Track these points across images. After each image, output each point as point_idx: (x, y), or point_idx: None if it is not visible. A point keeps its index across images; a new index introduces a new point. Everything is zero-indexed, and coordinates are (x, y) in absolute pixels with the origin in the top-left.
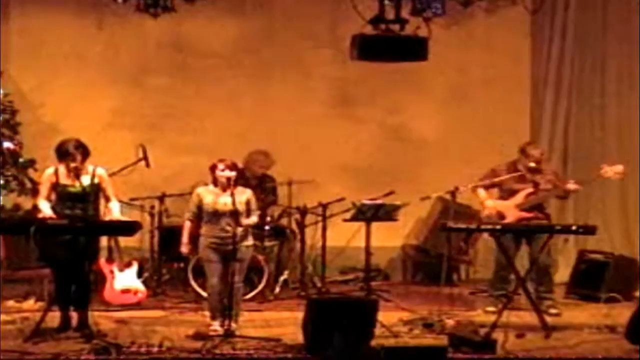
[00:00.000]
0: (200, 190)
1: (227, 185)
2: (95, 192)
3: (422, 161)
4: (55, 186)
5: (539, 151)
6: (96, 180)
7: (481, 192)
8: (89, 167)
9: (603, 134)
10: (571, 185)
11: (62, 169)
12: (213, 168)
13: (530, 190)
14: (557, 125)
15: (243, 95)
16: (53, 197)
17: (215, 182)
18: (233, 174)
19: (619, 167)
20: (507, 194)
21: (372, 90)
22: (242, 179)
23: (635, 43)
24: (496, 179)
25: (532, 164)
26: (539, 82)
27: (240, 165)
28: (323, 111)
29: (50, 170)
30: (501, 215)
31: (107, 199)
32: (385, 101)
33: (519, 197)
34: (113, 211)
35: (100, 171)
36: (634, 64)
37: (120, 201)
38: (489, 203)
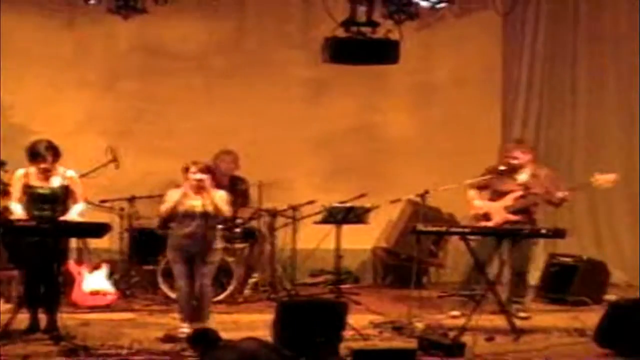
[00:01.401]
0: (171, 192)
1: (198, 188)
2: (65, 193)
3: (393, 163)
4: (26, 187)
5: (516, 152)
6: (66, 182)
7: (471, 191)
8: (60, 169)
9: (574, 134)
10: (560, 193)
11: (32, 170)
12: (186, 170)
13: (520, 193)
14: (528, 126)
15: (214, 97)
16: (24, 198)
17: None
18: (205, 176)
19: (612, 176)
20: (497, 195)
21: (343, 93)
22: (214, 180)
23: (606, 43)
24: (474, 180)
25: (502, 167)
26: (511, 83)
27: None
28: (294, 113)
29: (20, 172)
30: (488, 217)
31: (75, 201)
32: (356, 103)
33: (508, 200)
34: (71, 212)
35: (71, 173)
36: (604, 64)
37: (90, 203)
38: (477, 203)
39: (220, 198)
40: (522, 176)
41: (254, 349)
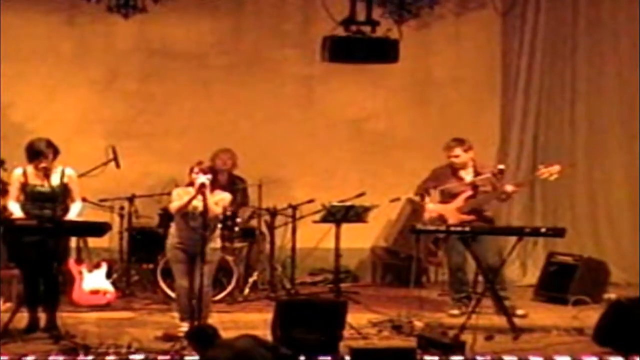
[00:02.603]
0: (177, 191)
1: (200, 188)
2: (64, 192)
3: (392, 162)
4: (24, 186)
5: (456, 150)
6: (65, 180)
7: (417, 197)
8: (58, 168)
9: (573, 132)
10: (509, 187)
11: (30, 169)
12: (191, 170)
13: (470, 193)
14: (527, 125)
15: (213, 96)
16: (22, 197)
17: (192, 184)
18: (206, 177)
19: (556, 168)
20: (448, 197)
21: (342, 92)
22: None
23: (604, 43)
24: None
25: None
26: (510, 82)
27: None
28: (293, 112)
29: (19, 171)
30: (443, 219)
31: (72, 200)
32: (356, 102)
33: (459, 200)
34: (71, 212)
35: (69, 172)
36: (602, 63)
37: (90, 202)
38: (430, 206)
39: (222, 200)
40: (468, 175)
41: (250, 347)
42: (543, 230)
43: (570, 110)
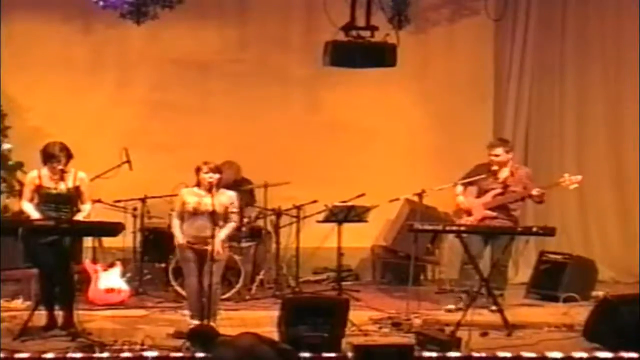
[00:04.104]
0: (184, 191)
1: (210, 188)
2: (76, 194)
3: (391, 164)
4: (39, 188)
5: (498, 150)
6: (77, 183)
7: (458, 188)
8: (71, 170)
9: (563, 133)
10: (534, 191)
11: (44, 171)
12: (197, 170)
13: (499, 191)
14: (518, 128)
15: (221, 100)
16: (35, 199)
17: (199, 184)
18: (216, 176)
19: (577, 178)
20: (481, 193)
21: (344, 95)
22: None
23: (593, 46)
24: (465, 179)
25: (495, 167)
26: (502, 86)
27: None
28: (297, 115)
29: (33, 174)
30: (469, 213)
31: (83, 202)
32: (355, 106)
33: (487, 197)
34: (81, 213)
35: (82, 175)
36: (590, 67)
37: (104, 203)
38: (460, 199)
39: (230, 198)
40: (503, 174)
41: (251, 344)
42: (534, 229)
43: (560, 115)
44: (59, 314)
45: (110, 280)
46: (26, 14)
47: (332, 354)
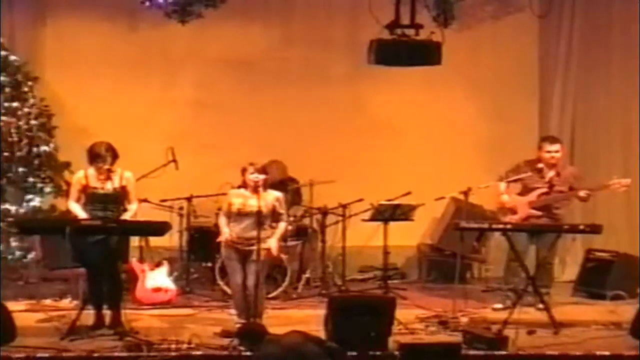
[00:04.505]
0: (232, 192)
1: (256, 188)
2: (123, 194)
3: (436, 163)
4: (85, 188)
5: (554, 147)
6: (123, 183)
7: (501, 185)
8: (117, 170)
9: (609, 131)
10: (582, 193)
11: (91, 171)
12: (243, 171)
13: (544, 190)
14: (564, 127)
15: (264, 100)
16: (82, 199)
17: (245, 185)
18: (262, 177)
19: (627, 181)
20: (525, 190)
21: (389, 94)
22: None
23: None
24: (515, 176)
25: (540, 165)
26: (547, 83)
27: None
28: (343, 113)
29: (80, 174)
30: (514, 211)
31: (129, 202)
32: (400, 105)
33: (533, 195)
34: (127, 213)
35: (128, 174)
36: (637, 64)
37: (151, 202)
38: (504, 198)
39: (277, 199)
40: (550, 173)
41: (299, 342)
42: (581, 227)
43: (606, 112)
44: (107, 313)
45: (157, 279)
46: (72, 13)
47: (378, 353)
